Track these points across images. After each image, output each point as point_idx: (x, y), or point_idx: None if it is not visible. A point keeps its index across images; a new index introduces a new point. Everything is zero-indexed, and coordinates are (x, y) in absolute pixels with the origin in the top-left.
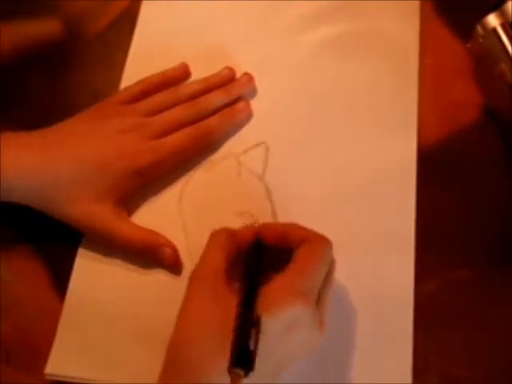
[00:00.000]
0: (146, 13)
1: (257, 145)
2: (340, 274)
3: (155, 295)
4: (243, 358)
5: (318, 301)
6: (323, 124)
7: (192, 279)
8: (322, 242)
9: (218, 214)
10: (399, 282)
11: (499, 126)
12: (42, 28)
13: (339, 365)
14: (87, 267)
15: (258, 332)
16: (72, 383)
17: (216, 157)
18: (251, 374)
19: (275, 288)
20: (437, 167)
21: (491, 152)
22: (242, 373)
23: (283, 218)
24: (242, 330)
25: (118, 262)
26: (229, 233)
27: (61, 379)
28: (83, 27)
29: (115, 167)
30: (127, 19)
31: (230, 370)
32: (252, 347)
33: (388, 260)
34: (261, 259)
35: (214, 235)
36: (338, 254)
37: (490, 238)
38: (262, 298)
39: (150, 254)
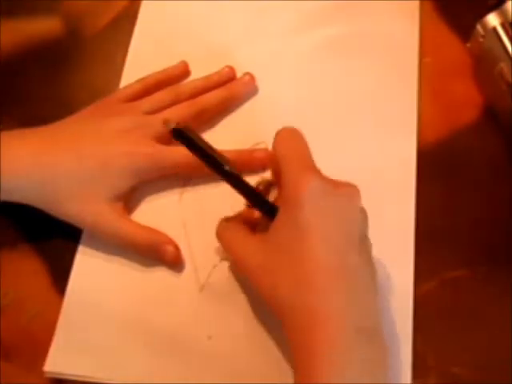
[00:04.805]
0: (145, 12)
1: (257, 144)
2: None
3: (155, 292)
4: None
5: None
6: (323, 124)
7: (241, 268)
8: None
9: (218, 214)
10: (399, 281)
11: (499, 126)
12: (41, 26)
13: None
14: (87, 264)
15: None
16: (71, 381)
17: None
18: None
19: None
20: (437, 167)
21: (491, 152)
22: None
23: None
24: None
25: (118, 259)
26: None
27: (60, 377)
28: (83, 26)
29: (115, 166)
30: (127, 18)
31: None
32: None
33: (388, 260)
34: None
35: (222, 229)
36: None
37: (490, 237)
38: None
39: (152, 252)
